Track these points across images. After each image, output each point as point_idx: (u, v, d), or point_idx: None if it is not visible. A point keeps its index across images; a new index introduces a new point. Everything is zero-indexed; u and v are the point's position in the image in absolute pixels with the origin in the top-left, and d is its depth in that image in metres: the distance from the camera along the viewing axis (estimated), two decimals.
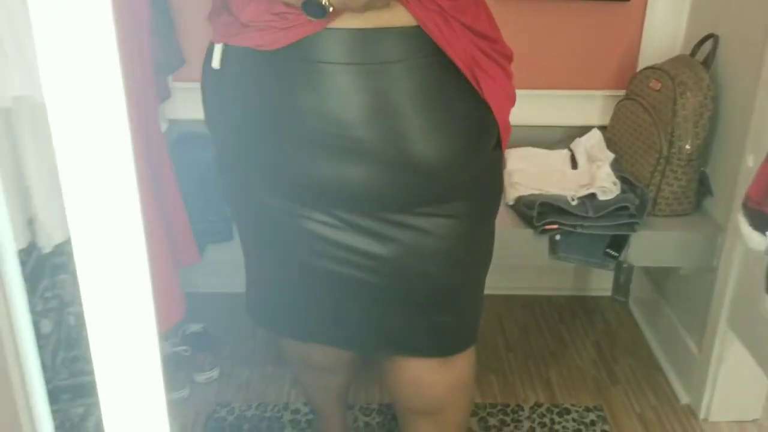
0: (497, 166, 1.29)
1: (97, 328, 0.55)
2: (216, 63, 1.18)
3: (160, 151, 1.64)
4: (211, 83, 1.22)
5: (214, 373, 1.99)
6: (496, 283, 2.18)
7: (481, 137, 1.20)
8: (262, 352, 2.12)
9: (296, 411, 1.90)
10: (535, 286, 2.43)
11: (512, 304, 2.38)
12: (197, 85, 1.27)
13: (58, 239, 1.24)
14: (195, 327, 2.04)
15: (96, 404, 1.33)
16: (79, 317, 1.38)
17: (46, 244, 1.26)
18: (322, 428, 1.72)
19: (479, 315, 1.37)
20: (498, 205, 1.33)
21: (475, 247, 1.29)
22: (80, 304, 1.30)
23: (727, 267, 1.76)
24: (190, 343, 1.99)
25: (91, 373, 1.33)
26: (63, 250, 1.33)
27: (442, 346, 1.33)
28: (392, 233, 1.19)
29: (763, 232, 1.25)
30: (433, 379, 1.36)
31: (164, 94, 2.04)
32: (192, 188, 1.86)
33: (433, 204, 1.18)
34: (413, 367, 1.34)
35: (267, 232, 1.27)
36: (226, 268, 2.32)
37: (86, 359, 1.38)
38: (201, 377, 1.98)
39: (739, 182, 1.69)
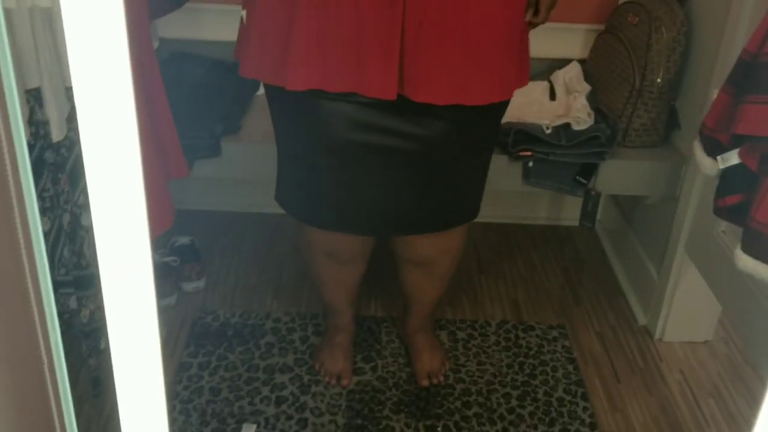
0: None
1: (101, 233, 0.64)
2: None
3: (152, 67, 1.70)
4: None
5: (201, 283, 2.10)
6: None
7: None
8: (247, 266, 2.22)
9: (277, 320, 2.02)
10: (511, 215, 2.53)
11: (488, 230, 2.48)
12: (189, 5, 1.33)
13: (57, 137, 1.32)
14: (183, 240, 2.14)
15: (89, 297, 1.44)
16: (75, 216, 1.46)
17: (45, 143, 1.33)
18: (334, 324, 1.87)
19: (480, 195, 1.60)
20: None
21: (490, 130, 1.50)
22: (75, 204, 1.38)
23: (687, 196, 1.86)
24: (179, 255, 2.09)
25: (86, 267, 1.42)
26: (61, 149, 1.40)
27: (445, 222, 1.58)
28: (421, 121, 1.37)
29: (714, 158, 1.35)
30: (428, 245, 1.64)
31: (156, 13, 2.08)
32: (182, 105, 1.92)
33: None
34: (409, 240, 1.63)
35: (301, 115, 1.41)
36: (214, 186, 2.41)
37: (81, 255, 1.47)
38: (188, 286, 2.09)
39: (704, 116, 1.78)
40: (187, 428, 1.69)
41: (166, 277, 2.04)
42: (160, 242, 2.11)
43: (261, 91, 2.22)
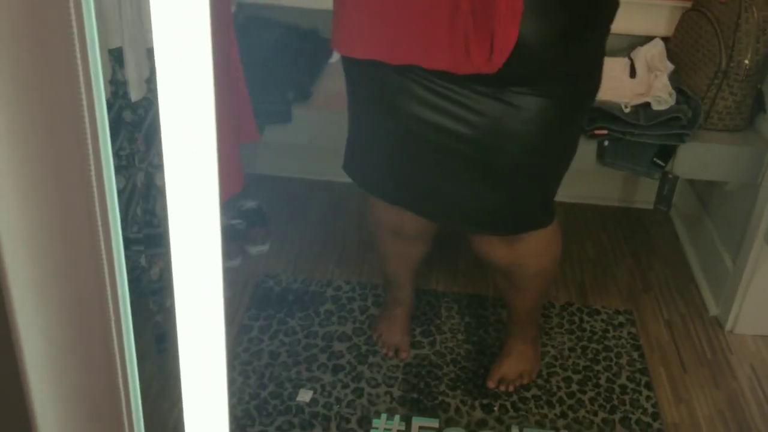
0: (597, 57, 1.39)
1: (173, 194, 0.64)
2: None
3: (228, 30, 1.71)
4: None
5: (265, 247, 2.13)
6: None
7: (586, 22, 1.29)
8: (312, 233, 2.23)
9: (338, 288, 2.03)
10: (582, 194, 2.47)
11: (559, 210, 2.42)
12: None
13: (135, 97, 1.34)
14: (251, 204, 2.16)
15: (159, 255, 1.47)
16: (149, 175, 1.49)
17: (123, 102, 1.36)
18: (393, 296, 1.86)
19: (546, 204, 1.52)
20: (591, 100, 1.46)
21: (557, 136, 1.41)
22: (150, 164, 1.40)
23: None
24: (245, 218, 2.12)
25: (157, 226, 1.45)
26: (138, 109, 1.43)
27: (503, 225, 1.51)
28: (482, 106, 1.33)
29: None
30: (494, 250, 1.57)
31: None
32: (255, 70, 1.93)
33: (526, 83, 1.30)
34: (479, 240, 1.57)
35: (375, 92, 1.42)
36: (285, 151, 2.42)
37: (153, 214, 1.50)
38: (253, 250, 2.11)
39: None
40: (246, 389, 1.71)
41: (232, 239, 2.07)
42: (227, 205, 2.14)
43: (333, 58, 2.21)
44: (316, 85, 2.04)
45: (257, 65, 1.99)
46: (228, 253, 2.05)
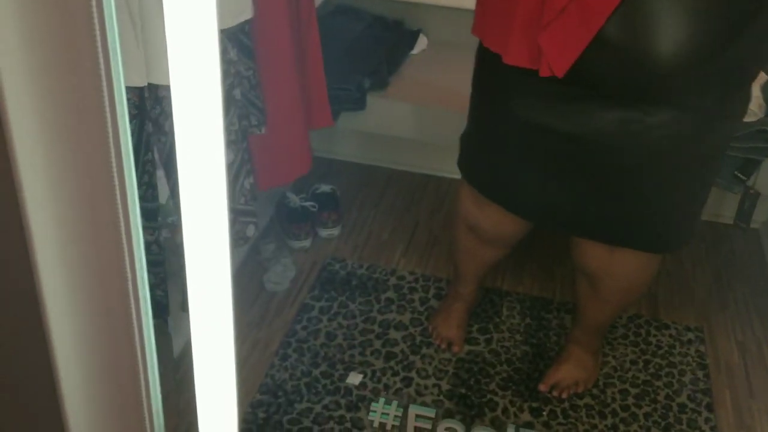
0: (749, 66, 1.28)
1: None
2: None
3: (309, 20, 1.75)
4: None
5: (335, 231, 2.17)
6: None
7: (742, 25, 1.19)
8: (382, 221, 2.26)
9: (401, 278, 2.05)
10: None
11: None
12: None
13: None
14: (324, 187, 2.21)
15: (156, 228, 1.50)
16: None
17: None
18: (456, 290, 1.87)
19: (673, 228, 1.45)
20: (737, 122, 1.38)
21: (694, 156, 1.34)
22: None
23: None
24: (318, 201, 2.16)
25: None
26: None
27: (612, 235, 1.46)
28: (613, 115, 1.28)
29: None
30: (592, 256, 1.54)
31: None
32: (336, 57, 1.97)
33: (665, 94, 1.24)
34: (578, 240, 1.54)
35: (495, 90, 1.42)
36: (362, 139, 2.46)
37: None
38: (323, 232, 2.16)
39: None
40: (298, 366, 1.76)
41: (304, 220, 2.12)
42: (302, 187, 2.19)
43: (416, 50, 2.22)
44: (395, 76, 2.06)
45: (338, 53, 2.03)
46: (299, 234, 2.11)
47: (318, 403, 1.68)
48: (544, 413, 1.70)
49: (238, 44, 1.49)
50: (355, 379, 1.74)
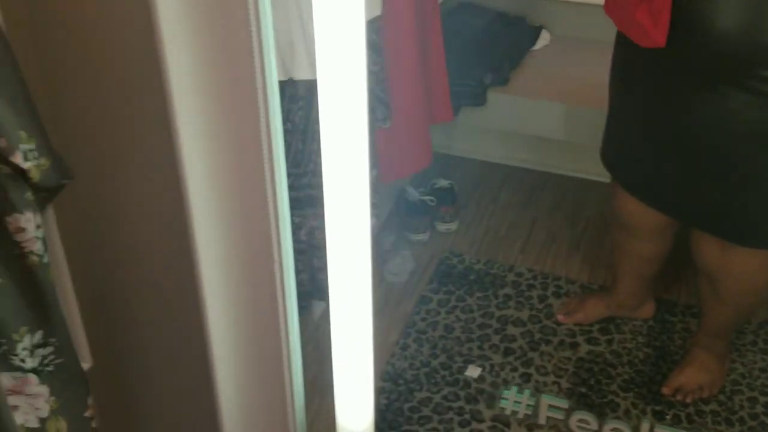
0: None
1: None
2: None
3: (433, 17, 1.77)
4: None
5: (453, 226, 2.19)
6: None
7: None
8: (500, 217, 2.26)
9: (519, 274, 2.04)
10: None
11: None
12: None
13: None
14: (443, 182, 2.23)
15: (307, 215, 1.55)
16: (306, 143, 1.58)
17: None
18: (605, 289, 1.89)
19: None
20: None
21: None
22: (310, 133, 1.49)
23: None
24: (437, 196, 2.19)
25: (311, 187, 1.54)
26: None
27: (731, 231, 1.45)
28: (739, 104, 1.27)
29: None
30: (709, 252, 1.52)
31: None
32: (457, 53, 1.98)
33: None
34: (696, 234, 1.54)
35: (635, 85, 1.44)
36: (482, 135, 2.46)
37: (310, 174, 1.58)
38: (441, 227, 2.18)
39: None
40: (418, 356, 1.79)
41: (423, 214, 2.15)
42: (421, 181, 2.22)
43: (537, 46, 2.20)
44: (516, 72, 2.05)
45: (460, 48, 2.04)
46: (417, 227, 2.14)
47: (437, 393, 1.70)
48: (668, 417, 1.65)
49: (367, 40, 1.53)
50: (474, 372, 1.75)
